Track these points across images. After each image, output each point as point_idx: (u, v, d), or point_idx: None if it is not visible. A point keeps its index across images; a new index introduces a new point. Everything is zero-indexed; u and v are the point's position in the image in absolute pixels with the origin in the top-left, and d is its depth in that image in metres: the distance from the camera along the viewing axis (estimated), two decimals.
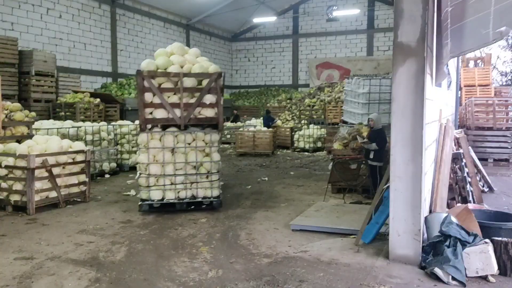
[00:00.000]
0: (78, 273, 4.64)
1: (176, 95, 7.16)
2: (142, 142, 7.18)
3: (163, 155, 7.14)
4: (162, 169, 7.14)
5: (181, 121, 7.16)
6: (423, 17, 4.64)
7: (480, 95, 16.48)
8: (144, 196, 7.12)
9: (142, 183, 7.13)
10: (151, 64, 7.19)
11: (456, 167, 7.51)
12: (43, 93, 13.14)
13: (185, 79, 7.13)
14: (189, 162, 7.22)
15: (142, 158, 7.16)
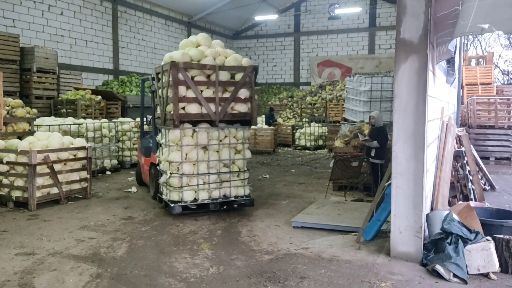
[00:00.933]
0: (80, 269, 4.64)
1: (209, 89, 6.74)
2: (174, 140, 6.66)
3: (197, 153, 6.73)
4: (195, 168, 6.74)
5: (216, 117, 6.74)
6: (426, 14, 4.62)
7: (482, 93, 16.45)
8: (176, 197, 6.62)
9: (175, 184, 6.65)
10: (185, 56, 6.65)
11: (457, 165, 7.50)
12: (45, 90, 13.14)
13: (220, 72, 6.73)
14: (223, 160, 6.89)
15: (174, 157, 6.62)
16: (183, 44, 7.13)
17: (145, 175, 8.57)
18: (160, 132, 7.28)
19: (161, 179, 7.02)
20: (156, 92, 7.37)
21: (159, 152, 7.21)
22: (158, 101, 7.26)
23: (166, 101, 6.73)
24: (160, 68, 6.99)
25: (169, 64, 6.43)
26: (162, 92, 6.91)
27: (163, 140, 6.98)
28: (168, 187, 6.74)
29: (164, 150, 6.88)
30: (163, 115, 6.84)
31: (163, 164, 6.89)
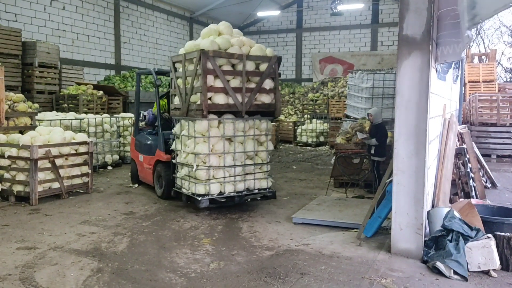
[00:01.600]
0: (80, 263, 4.66)
1: (235, 79, 6.55)
2: (202, 131, 6.45)
3: (223, 145, 6.56)
4: (221, 160, 6.57)
5: (242, 108, 6.57)
6: (428, 10, 4.60)
7: (484, 91, 16.40)
8: (202, 190, 6.43)
9: (202, 176, 6.42)
10: (214, 44, 6.42)
11: (459, 163, 7.49)
12: (46, 84, 13.12)
13: (246, 61, 6.57)
14: (247, 152, 6.77)
15: (201, 149, 6.40)
16: (205, 33, 6.87)
17: (145, 174, 8.33)
18: (178, 124, 7.01)
19: (180, 173, 6.81)
20: (173, 83, 7.07)
21: (176, 145, 6.97)
22: (174, 91, 6.99)
23: (192, 91, 6.45)
24: (181, 57, 6.71)
25: (198, 52, 6.19)
26: (184, 81, 6.64)
27: (184, 131, 6.74)
28: (194, 180, 6.50)
29: (189, 142, 6.60)
30: (185, 105, 6.57)
31: (186, 156, 6.65)
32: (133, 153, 9.02)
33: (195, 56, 6.28)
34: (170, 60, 7.08)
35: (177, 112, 6.92)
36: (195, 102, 6.44)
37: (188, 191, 6.65)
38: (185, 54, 6.59)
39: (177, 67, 6.96)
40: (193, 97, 6.50)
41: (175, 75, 6.93)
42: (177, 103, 6.93)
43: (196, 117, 6.40)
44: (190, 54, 6.45)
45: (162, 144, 7.62)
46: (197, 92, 6.40)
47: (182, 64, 6.69)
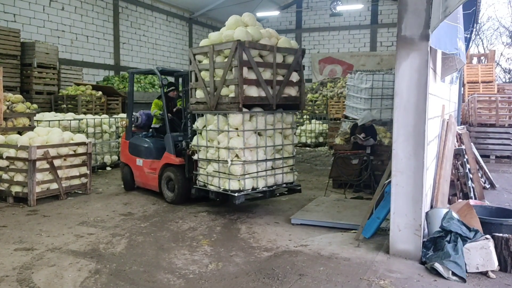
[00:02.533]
0: (78, 265, 4.65)
1: (265, 71, 6.38)
2: (237, 125, 6.19)
3: (256, 139, 6.36)
4: (253, 155, 6.37)
5: (273, 100, 6.44)
6: (427, 11, 4.60)
7: (483, 91, 16.40)
8: (236, 186, 6.23)
9: (237, 171, 6.18)
10: (249, 35, 6.20)
11: (458, 163, 7.49)
12: (45, 85, 13.11)
13: (270, 53, 6.42)
14: (277, 146, 6.63)
15: (236, 143, 6.15)
16: (232, 23, 6.56)
17: (146, 179, 7.93)
18: (201, 118, 6.73)
19: (206, 169, 6.57)
20: (193, 76, 6.74)
21: (199, 140, 6.68)
22: (196, 85, 6.68)
23: (223, 84, 6.20)
24: (206, 49, 6.42)
25: (234, 43, 5.96)
26: (212, 74, 6.35)
27: (211, 126, 6.46)
28: (227, 176, 6.28)
29: (220, 136, 6.31)
30: (214, 99, 6.30)
31: (216, 152, 6.39)
32: (125, 157, 8.48)
33: (229, 47, 6.05)
34: (189, 52, 6.74)
35: (200, 106, 6.62)
36: (226, 95, 6.21)
37: (219, 188, 6.40)
38: (213, 45, 6.28)
39: (198, 59, 6.64)
40: (224, 89, 6.25)
41: (198, 67, 6.60)
42: (200, 96, 6.61)
43: (229, 110, 6.16)
44: (221, 45, 6.20)
45: (172, 147, 7.37)
46: (229, 85, 6.17)
47: (210, 56, 6.33)
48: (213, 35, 6.61)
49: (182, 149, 7.29)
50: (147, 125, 8.55)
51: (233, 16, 6.76)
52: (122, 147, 8.71)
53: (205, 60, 6.54)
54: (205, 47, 6.46)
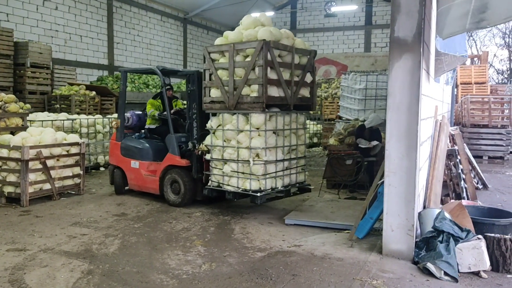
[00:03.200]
0: (71, 265, 4.63)
1: (284, 72, 6.39)
2: (259, 125, 6.15)
3: (276, 139, 6.37)
4: (273, 154, 6.36)
5: (291, 101, 6.48)
6: (420, 12, 4.63)
7: (476, 92, 16.50)
8: (257, 186, 6.21)
9: (259, 171, 6.15)
10: (272, 34, 6.18)
11: (450, 164, 7.53)
12: (38, 85, 13.03)
13: (288, 54, 6.46)
14: (292, 146, 6.69)
15: (258, 143, 6.12)
16: (250, 22, 6.49)
17: (144, 181, 7.69)
18: (216, 118, 6.58)
19: (222, 170, 6.45)
20: (207, 75, 6.61)
21: (213, 140, 6.55)
22: (210, 84, 6.56)
23: (244, 83, 6.13)
24: (224, 47, 6.34)
25: (260, 42, 5.95)
26: (232, 73, 6.25)
27: (229, 126, 6.37)
28: (247, 176, 6.22)
29: (240, 136, 6.24)
30: (234, 98, 6.22)
31: (234, 152, 6.30)
32: (117, 160, 8.14)
33: (253, 46, 6.01)
34: (204, 51, 6.58)
35: (216, 105, 6.51)
36: (247, 95, 6.18)
37: (238, 188, 6.33)
38: (233, 44, 6.22)
39: (214, 58, 6.53)
40: (246, 89, 6.19)
41: (214, 66, 6.48)
42: (215, 96, 6.51)
43: (251, 110, 6.12)
44: (244, 44, 6.16)
45: (176, 148, 7.23)
46: (251, 84, 6.13)
47: (230, 55, 6.23)
48: (230, 34, 6.53)
49: (187, 150, 7.13)
50: (138, 126, 8.34)
51: (248, 15, 6.78)
52: (112, 149, 8.34)
53: (222, 59, 6.46)
54: (224, 45, 6.38)
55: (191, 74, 7.22)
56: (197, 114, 7.06)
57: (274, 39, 6.18)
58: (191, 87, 7.14)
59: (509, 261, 4.49)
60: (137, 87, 16.32)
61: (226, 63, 6.34)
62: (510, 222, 5.09)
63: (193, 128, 7.14)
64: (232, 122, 6.37)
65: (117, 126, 8.20)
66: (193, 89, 7.09)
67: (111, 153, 8.36)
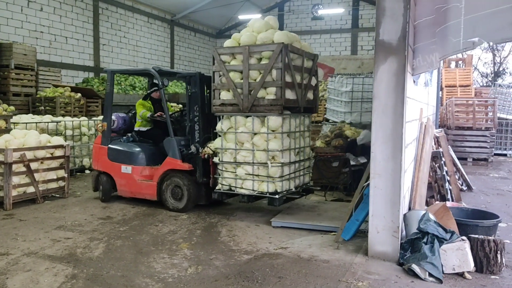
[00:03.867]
0: (55, 269, 4.56)
1: (296, 75, 6.42)
2: (276, 127, 6.16)
3: (290, 141, 6.42)
4: (288, 156, 6.37)
5: (302, 103, 6.55)
6: (404, 16, 4.67)
7: (461, 95, 16.72)
8: (272, 188, 6.19)
9: (276, 174, 6.15)
10: (287, 37, 6.25)
11: (435, 166, 7.61)
12: (23, 87, 12.87)
13: (299, 57, 6.52)
14: (301, 148, 6.78)
15: (275, 145, 6.12)
16: (262, 25, 6.48)
17: (136, 187, 7.42)
18: (226, 120, 6.47)
19: (238, 172, 6.36)
20: (216, 77, 6.52)
21: (224, 143, 6.47)
22: (220, 86, 6.47)
23: (261, 86, 6.12)
24: (238, 49, 6.29)
25: (279, 45, 5.97)
26: (247, 75, 6.21)
27: (243, 128, 6.32)
28: (262, 178, 6.19)
29: (256, 139, 6.21)
30: (248, 101, 6.17)
31: (249, 154, 6.25)
32: (103, 165, 7.75)
33: (271, 49, 6.02)
34: (214, 53, 6.51)
35: (228, 108, 6.43)
36: (263, 97, 6.16)
37: (253, 191, 6.30)
38: (248, 47, 6.19)
39: (224, 60, 6.47)
40: (262, 92, 6.18)
41: (226, 68, 6.41)
42: (226, 98, 6.43)
43: (269, 113, 6.12)
44: (260, 47, 6.15)
45: (177, 152, 7.01)
46: (267, 87, 6.14)
47: (245, 57, 6.20)
48: (243, 37, 6.46)
49: (188, 154, 6.95)
50: (123, 129, 8.08)
51: (257, 18, 6.80)
52: (97, 154, 7.90)
53: (233, 61, 6.42)
54: (238, 47, 6.34)
55: (192, 76, 7.06)
56: (199, 117, 6.95)
57: (290, 42, 6.22)
58: (192, 89, 6.99)
59: (493, 262, 4.54)
60: (123, 89, 16.20)
61: (239, 65, 6.32)
62: (493, 224, 5.16)
63: (195, 131, 6.99)
64: (246, 124, 6.33)
65: (103, 129, 7.81)
66: (194, 91, 6.96)
67: (96, 158, 7.94)
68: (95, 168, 7.97)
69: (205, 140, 6.95)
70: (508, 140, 15.50)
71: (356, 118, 11.00)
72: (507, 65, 33.05)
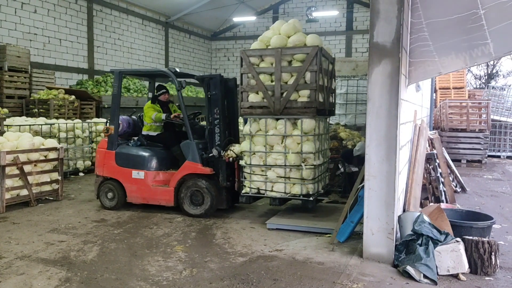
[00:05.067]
0: (48, 273, 4.53)
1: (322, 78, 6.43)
2: (310, 130, 6.15)
3: (320, 144, 6.45)
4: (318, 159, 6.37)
5: (327, 106, 6.62)
6: (398, 18, 4.69)
7: (455, 97, 16.82)
8: (305, 190, 6.19)
9: (310, 176, 6.17)
10: (320, 41, 6.34)
11: (430, 168, 7.64)
12: (16, 89, 12.80)
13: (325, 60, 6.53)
14: (325, 149, 6.83)
15: (309, 148, 6.11)
16: (291, 28, 6.44)
17: (150, 193, 7.11)
18: (254, 123, 6.40)
19: (269, 175, 6.28)
20: (244, 79, 6.44)
21: (252, 146, 6.38)
22: (248, 88, 6.41)
23: (294, 88, 6.10)
24: (269, 51, 6.29)
25: (314, 48, 6.01)
26: (279, 78, 6.20)
27: (273, 131, 6.28)
28: (295, 181, 6.19)
29: (289, 142, 6.18)
30: (280, 103, 6.16)
31: (281, 157, 6.20)
32: (111, 171, 7.33)
33: (306, 52, 6.05)
34: (243, 55, 6.43)
35: (258, 110, 6.37)
36: (295, 100, 6.16)
37: (285, 194, 6.27)
38: (281, 49, 6.20)
39: (253, 62, 6.40)
40: (295, 94, 6.18)
41: (256, 71, 6.35)
42: (255, 100, 6.38)
43: (302, 115, 6.13)
44: (293, 50, 6.17)
45: (197, 156, 6.84)
46: (299, 90, 6.13)
47: (276, 59, 6.19)
48: (273, 39, 6.44)
49: (209, 157, 6.81)
50: (127, 132, 7.79)
51: (281, 21, 6.78)
52: (102, 159, 7.42)
53: (262, 64, 6.40)
54: (269, 50, 6.35)
55: (212, 77, 6.93)
56: (220, 120, 6.86)
57: (321, 45, 6.27)
58: (213, 91, 6.87)
59: (487, 263, 4.56)
60: None
61: (269, 68, 6.31)
62: (488, 225, 5.19)
63: (215, 134, 6.87)
64: (277, 127, 6.31)
65: (111, 132, 7.37)
66: (214, 93, 6.85)
67: (101, 163, 7.43)
68: (99, 174, 7.46)
69: (227, 143, 6.85)
70: (501, 141, 15.60)
71: (350, 120, 11.04)
72: (500, 68, 33.31)
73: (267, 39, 6.59)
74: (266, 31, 6.78)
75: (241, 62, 6.50)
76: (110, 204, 7.32)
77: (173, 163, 7.37)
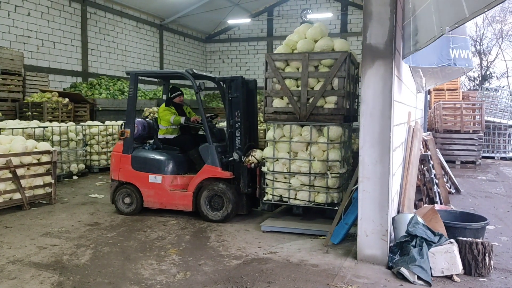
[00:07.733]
0: (40, 277, 4.49)
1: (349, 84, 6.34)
2: (336, 137, 6.03)
3: (345, 151, 6.37)
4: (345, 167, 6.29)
5: (351, 112, 6.49)
6: (391, 20, 4.70)
7: (449, 99, 16.89)
8: (330, 199, 6.11)
9: (335, 185, 6.05)
10: (348, 46, 6.21)
11: (424, 169, 7.65)
12: (10, 92, 12.72)
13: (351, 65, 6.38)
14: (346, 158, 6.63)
15: (335, 155, 5.99)
16: (317, 32, 6.31)
17: (167, 198, 6.95)
18: (278, 129, 6.30)
19: (292, 183, 6.18)
20: (269, 84, 6.31)
21: (276, 152, 6.27)
22: (272, 93, 6.29)
23: (321, 94, 5.98)
24: (296, 56, 6.15)
25: (343, 54, 5.89)
26: (306, 83, 6.05)
27: (298, 138, 6.16)
28: (320, 189, 6.09)
29: (314, 149, 6.08)
30: (306, 109, 6.03)
31: (306, 165, 6.08)
32: (127, 175, 7.15)
33: (335, 57, 5.94)
34: (268, 58, 6.27)
35: (282, 116, 6.24)
36: (322, 106, 6.04)
37: (309, 202, 6.16)
38: (308, 54, 6.04)
39: (278, 66, 6.26)
40: (321, 100, 6.06)
41: (281, 75, 6.20)
42: (280, 106, 6.26)
43: (329, 122, 6.01)
44: (321, 55, 6.02)
45: (217, 159, 6.69)
46: (326, 96, 6.02)
47: (303, 64, 6.04)
48: (299, 43, 6.28)
49: (229, 161, 6.68)
50: (142, 135, 7.62)
51: (306, 24, 6.61)
52: (118, 163, 7.23)
53: (288, 68, 6.27)
54: (295, 54, 6.19)
55: (234, 79, 6.76)
56: (241, 123, 6.72)
57: (349, 50, 6.11)
58: (234, 93, 6.71)
59: (481, 264, 4.56)
60: (112, 94, 16.10)
61: (296, 73, 6.17)
62: (481, 226, 5.19)
63: (235, 138, 6.74)
64: (302, 134, 6.18)
65: (126, 136, 7.18)
66: (235, 96, 6.69)
67: (116, 167, 7.24)
68: (115, 178, 7.27)
69: (248, 148, 6.75)
70: (495, 143, 15.67)
71: None
72: (494, 69, 33.52)
73: (293, 43, 6.41)
74: (291, 35, 6.58)
75: (266, 66, 6.32)
76: (128, 209, 7.15)
77: (190, 167, 7.23)
